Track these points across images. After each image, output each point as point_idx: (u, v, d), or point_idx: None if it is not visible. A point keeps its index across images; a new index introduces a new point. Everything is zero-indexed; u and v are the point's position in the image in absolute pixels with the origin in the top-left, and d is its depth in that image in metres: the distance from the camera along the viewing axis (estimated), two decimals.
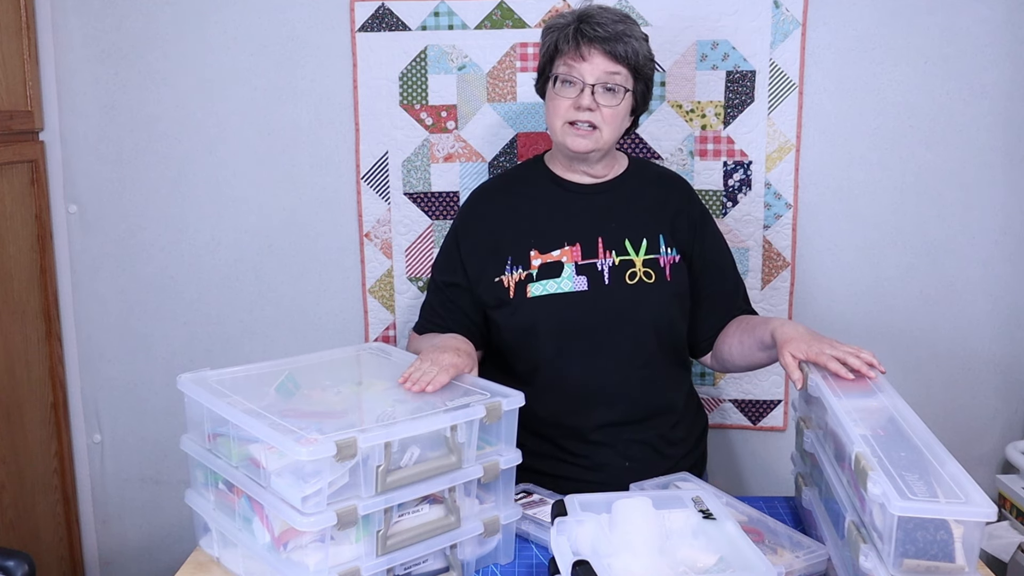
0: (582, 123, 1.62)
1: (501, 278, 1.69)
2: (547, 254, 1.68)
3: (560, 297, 1.65)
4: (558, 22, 1.65)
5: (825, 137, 2.10)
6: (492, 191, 1.81)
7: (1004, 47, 2.05)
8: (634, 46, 1.61)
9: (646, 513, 1.26)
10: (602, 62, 1.60)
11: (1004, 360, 2.18)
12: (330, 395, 1.45)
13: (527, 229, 1.71)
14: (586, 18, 1.62)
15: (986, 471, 2.21)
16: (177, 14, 2.14)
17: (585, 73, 1.60)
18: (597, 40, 1.59)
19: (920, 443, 1.25)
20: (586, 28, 1.60)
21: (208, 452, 1.41)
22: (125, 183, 2.22)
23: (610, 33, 1.59)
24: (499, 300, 1.69)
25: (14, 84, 2.07)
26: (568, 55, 1.61)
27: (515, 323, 1.68)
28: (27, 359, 2.15)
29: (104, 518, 2.38)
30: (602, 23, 1.60)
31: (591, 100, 1.61)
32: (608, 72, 1.60)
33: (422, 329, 1.79)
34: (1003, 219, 2.12)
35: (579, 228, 1.70)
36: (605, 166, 1.74)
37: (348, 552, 1.26)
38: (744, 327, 1.71)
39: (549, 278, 1.66)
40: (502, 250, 1.70)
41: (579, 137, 1.63)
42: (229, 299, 2.25)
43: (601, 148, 1.66)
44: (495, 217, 1.74)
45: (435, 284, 1.79)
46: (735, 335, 1.72)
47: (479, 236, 1.73)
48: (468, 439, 1.33)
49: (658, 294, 1.68)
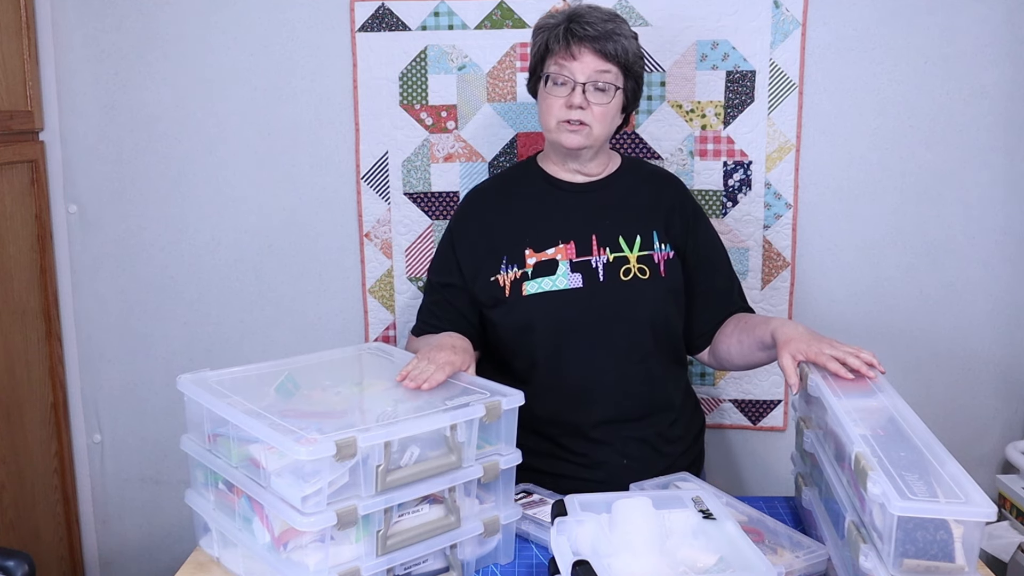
0: (574, 120, 1.64)
1: (496, 277, 1.69)
2: (542, 252, 1.69)
3: (555, 294, 1.66)
4: (548, 22, 1.66)
5: (825, 137, 2.10)
6: (486, 191, 1.82)
7: (1004, 47, 2.05)
8: (624, 44, 1.63)
9: (646, 513, 1.26)
10: (592, 61, 1.61)
11: (1004, 360, 2.18)
12: (330, 395, 1.45)
13: (522, 228, 1.72)
14: (576, 17, 1.63)
15: (986, 471, 2.21)
16: (177, 14, 2.14)
17: (576, 72, 1.62)
18: (587, 39, 1.60)
19: (920, 443, 1.25)
20: (576, 27, 1.61)
21: (208, 452, 1.41)
22: (125, 183, 2.22)
23: (599, 32, 1.61)
24: (495, 299, 1.70)
25: (14, 84, 2.07)
26: (559, 54, 1.63)
27: (511, 321, 1.68)
28: (27, 359, 2.15)
29: (104, 518, 2.38)
30: (591, 22, 1.61)
31: (582, 99, 1.62)
32: (598, 71, 1.62)
33: (419, 331, 1.80)
34: (1003, 219, 2.12)
35: (573, 226, 1.71)
36: (598, 164, 1.75)
37: (348, 552, 1.26)
38: (743, 326, 1.71)
39: (544, 276, 1.67)
40: (497, 249, 1.71)
41: (571, 133, 1.65)
42: (229, 299, 2.25)
43: (593, 145, 1.68)
44: (489, 217, 1.75)
45: (431, 286, 1.80)
46: (734, 334, 1.72)
47: (474, 236, 1.74)
48: (468, 438, 1.34)
49: (653, 290, 1.69)
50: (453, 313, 1.75)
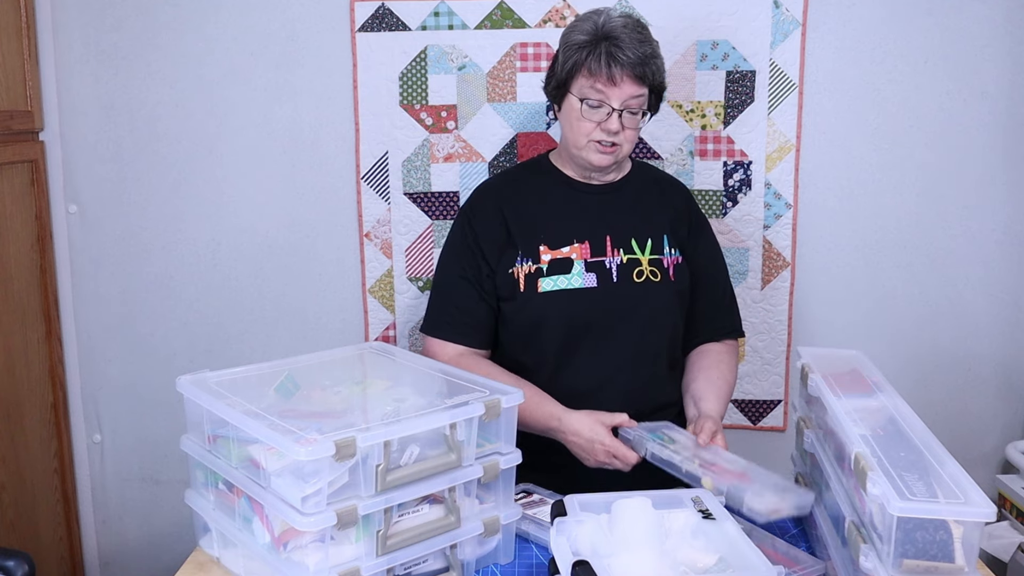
0: (606, 142, 1.65)
1: (512, 269, 1.70)
2: (556, 250, 1.70)
3: (570, 293, 1.68)
4: (580, 39, 1.64)
5: (825, 137, 2.10)
6: (499, 186, 1.82)
7: (1004, 47, 2.04)
8: (657, 64, 1.65)
9: (646, 513, 1.26)
10: (630, 87, 1.62)
11: (1004, 360, 2.18)
12: (330, 395, 1.45)
13: (536, 224, 1.73)
14: (612, 38, 1.61)
15: (986, 471, 2.20)
16: (177, 14, 2.14)
17: (613, 98, 1.62)
18: (628, 65, 1.60)
19: (920, 443, 1.25)
20: (616, 52, 1.60)
21: (208, 453, 1.41)
22: (125, 183, 2.22)
23: (638, 57, 1.60)
24: (510, 292, 1.71)
25: (14, 84, 2.07)
26: (597, 78, 1.61)
27: (525, 317, 1.69)
28: (27, 359, 2.15)
29: (104, 518, 2.38)
30: (629, 45, 1.60)
31: (619, 124, 1.63)
32: (634, 96, 1.63)
33: (457, 335, 1.74)
34: (1004, 219, 2.12)
35: (588, 226, 1.72)
36: (614, 171, 1.77)
37: (348, 552, 1.26)
38: (702, 380, 1.73)
39: (560, 274, 1.68)
40: (513, 243, 1.72)
41: (603, 154, 1.67)
42: (229, 299, 2.25)
43: (620, 161, 1.72)
44: (505, 209, 1.75)
45: (462, 281, 1.74)
46: (698, 377, 1.75)
47: (493, 227, 1.74)
48: (467, 437, 1.33)
49: (664, 292, 1.71)
50: (488, 309, 1.73)
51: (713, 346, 1.80)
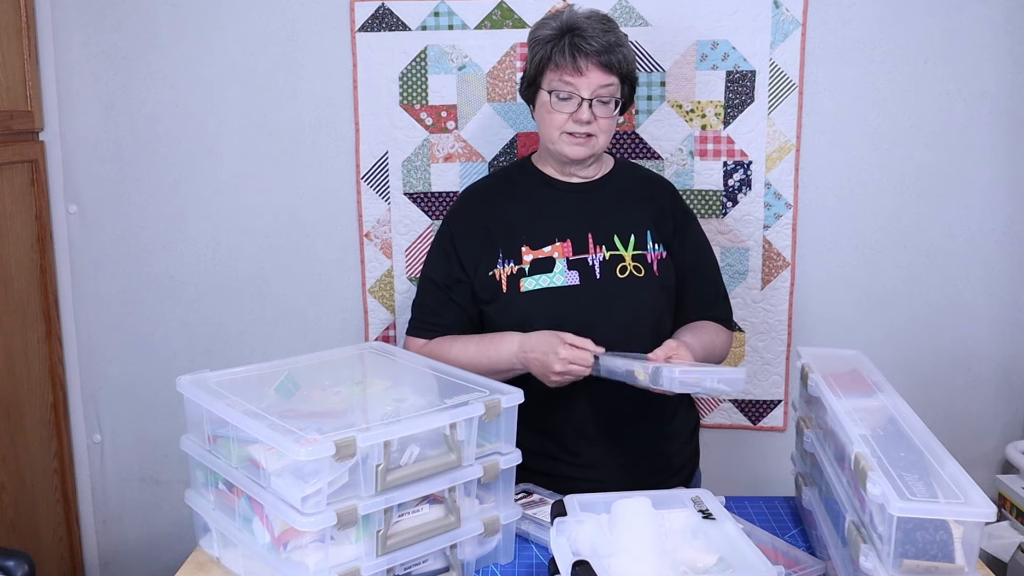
0: (579, 133, 1.65)
1: (493, 272, 1.70)
2: (538, 250, 1.70)
3: (553, 291, 1.67)
4: (545, 33, 1.66)
5: (825, 137, 2.10)
6: (481, 190, 1.83)
7: (1004, 47, 2.04)
8: (624, 53, 1.65)
9: (646, 513, 1.26)
10: (598, 76, 1.63)
11: (1004, 360, 2.17)
12: (330, 395, 1.45)
13: (517, 225, 1.73)
14: (576, 30, 1.63)
15: (986, 471, 2.20)
16: (177, 14, 2.14)
17: (581, 88, 1.63)
18: (592, 54, 1.61)
19: (920, 443, 1.25)
20: (580, 42, 1.61)
21: (208, 453, 1.41)
22: (125, 183, 2.22)
23: (603, 46, 1.62)
24: (492, 295, 1.70)
25: (14, 84, 2.07)
26: (564, 70, 1.63)
27: (508, 318, 1.69)
28: (27, 359, 2.15)
29: (104, 518, 2.38)
30: (593, 35, 1.62)
31: (589, 113, 1.64)
32: (603, 85, 1.64)
33: (420, 330, 1.78)
34: (1004, 219, 2.12)
35: (569, 224, 1.72)
36: (594, 167, 1.77)
37: (348, 552, 1.26)
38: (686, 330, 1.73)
39: (542, 273, 1.68)
40: (494, 244, 1.72)
41: (577, 146, 1.67)
42: (229, 299, 2.25)
43: (596, 153, 1.71)
44: (486, 213, 1.76)
45: (431, 284, 1.79)
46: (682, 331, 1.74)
47: (472, 232, 1.75)
48: (467, 437, 1.34)
49: (648, 288, 1.70)
50: (457, 310, 1.75)
51: (704, 321, 1.80)
